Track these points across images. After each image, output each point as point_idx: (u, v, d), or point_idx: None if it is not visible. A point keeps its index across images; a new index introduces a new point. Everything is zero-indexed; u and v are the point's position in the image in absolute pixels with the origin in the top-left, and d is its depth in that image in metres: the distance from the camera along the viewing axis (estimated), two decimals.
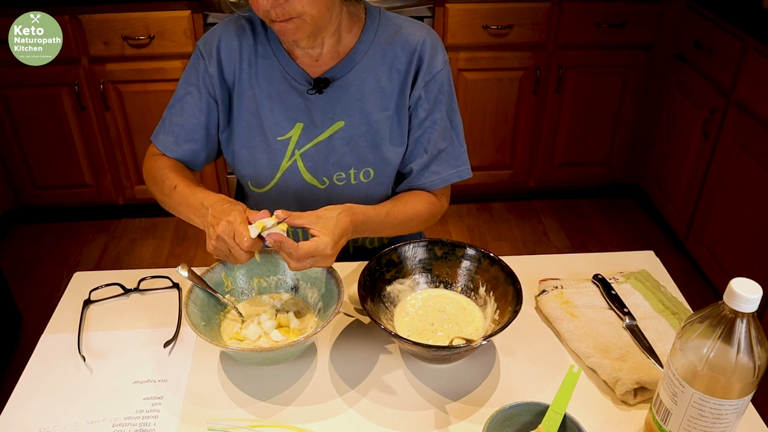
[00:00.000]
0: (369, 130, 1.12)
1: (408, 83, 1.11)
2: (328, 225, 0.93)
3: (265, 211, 0.92)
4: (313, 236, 0.92)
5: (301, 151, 1.14)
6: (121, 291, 1.10)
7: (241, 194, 1.32)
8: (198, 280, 0.98)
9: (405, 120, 1.14)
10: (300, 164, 1.14)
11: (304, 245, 0.90)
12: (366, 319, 1.02)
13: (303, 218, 0.93)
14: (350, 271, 1.12)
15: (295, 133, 1.13)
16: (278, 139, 1.13)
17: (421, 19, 2.31)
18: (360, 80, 1.11)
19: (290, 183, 1.16)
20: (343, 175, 1.15)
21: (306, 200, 1.17)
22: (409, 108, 1.13)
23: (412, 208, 1.14)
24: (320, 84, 1.11)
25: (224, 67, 1.12)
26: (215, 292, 0.99)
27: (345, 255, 1.24)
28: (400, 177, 1.21)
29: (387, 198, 1.19)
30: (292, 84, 1.11)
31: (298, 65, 1.11)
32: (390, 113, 1.12)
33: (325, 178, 1.15)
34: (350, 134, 1.12)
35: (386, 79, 1.11)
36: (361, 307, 0.94)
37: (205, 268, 1.02)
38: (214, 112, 1.15)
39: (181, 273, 1.00)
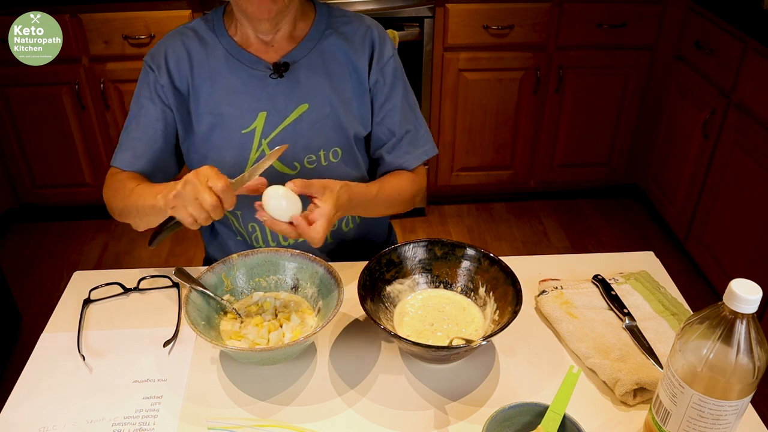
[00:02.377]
0: (332, 110, 1.16)
1: (365, 67, 1.16)
2: (332, 196, 0.99)
3: (262, 179, 0.96)
4: (315, 204, 0.97)
5: (268, 140, 1.15)
6: (121, 290, 1.10)
7: None
8: (193, 282, 0.98)
9: (367, 102, 1.19)
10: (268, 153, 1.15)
11: (321, 224, 0.95)
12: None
13: (312, 187, 0.97)
14: (350, 271, 1.12)
15: (259, 123, 1.14)
16: (243, 132, 1.14)
17: (421, 19, 2.32)
18: (318, 63, 1.15)
19: (261, 174, 1.16)
20: (314, 158, 1.17)
21: None
22: (370, 91, 1.18)
23: (398, 185, 1.20)
24: (280, 68, 1.13)
25: (174, 76, 1.13)
26: (212, 294, 0.99)
27: (323, 246, 1.25)
28: (374, 164, 1.27)
29: (361, 179, 1.23)
30: (252, 73, 1.13)
31: (254, 54, 1.14)
32: (350, 94, 1.17)
33: (296, 163, 1.16)
34: (315, 116, 1.15)
35: (343, 62, 1.16)
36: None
37: (205, 268, 1.02)
38: (171, 121, 1.15)
39: (174, 277, 1.00)
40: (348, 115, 1.17)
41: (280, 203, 0.93)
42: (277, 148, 0.98)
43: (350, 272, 1.11)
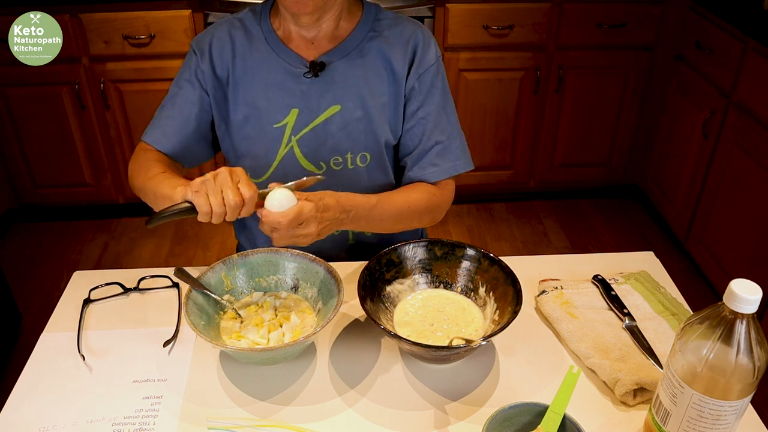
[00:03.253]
0: (365, 115, 1.14)
1: (403, 73, 1.14)
2: (315, 196, 0.96)
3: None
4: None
5: (297, 137, 1.15)
6: (121, 290, 1.10)
7: None
8: (193, 282, 0.98)
9: (401, 108, 1.16)
10: (297, 150, 1.15)
11: (290, 209, 0.91)
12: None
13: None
14: (350, 271, 1.12)
15: (290, 119, 1.14)
16: (274, 126, 1.14)
17: (421, 19, 2.32)
18: (356, 66, 1.13)
19: (287, 170, 1.17)
20: (340, 160, 1.16)
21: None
22: (405, 97, 1.16)
23: (407, 196, 1.15)
24: (316, 67, 1.12)
25: (216, 64, 1.14)
26: (212, 293, 0.99)
27: (344, 244, 1.25)
28: (402, 170, 1.23)
29: (389, 186, 1.21)
30: (289, 69, 1.13)
31: (293, 50, 1.13)
32: (386, 99, 1.15)
33: (322, 163, 1.16)
34: (346, 118, 1.14)
35: (382, 67, 1.14)
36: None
37: (205, 268, 1.02)
38: (207, 106, 1.16)
39: (174, 277, 0.99)
40: (381, 121, 1.15)
41: (281, 203, 0.93)
42: (311, 177, 0.97)
43: (350, 272, 1.11)
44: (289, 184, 0.95)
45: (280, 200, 0.92)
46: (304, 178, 0.97)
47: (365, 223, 1.09)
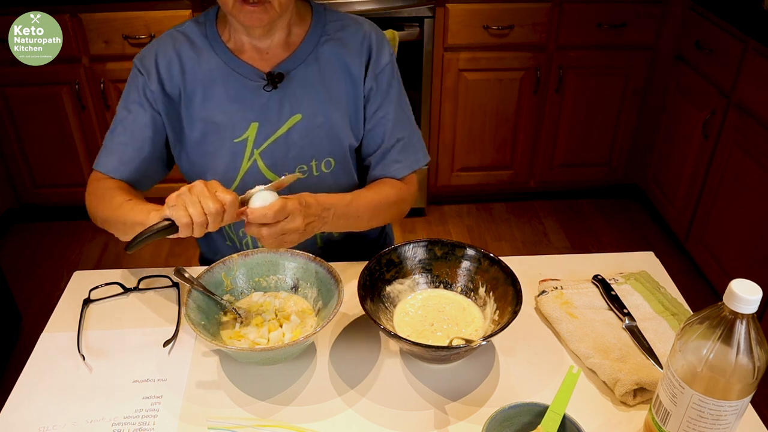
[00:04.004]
0: (326, 120, 1.14)
1: (360, 75, 1.14)
2: (295, 196, 0.97)
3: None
4: None
5: (260, 149, 1.14)
6: (121, 290, 1.10)
7: None
8: (193, 282, 0.98)
9: (361, 109, 1.16)
10: (260, 163, 1.14)
11: (275, 202, 0.91)
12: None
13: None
14: (350, 271, 1.12)
15: (251, 133, 1.12)
16: (234, 141, 1.13)
17: (421, 19, 2.32)
18: (313, 72, 1.13)
19: (252, 184, 1.14)
20: (305, 168, 1.16)
21: None
22: (364, 98, 1.16)
23: (377, 191, 1.16)
24: (274, 79, 1.11)
25: (165, 82, 1.11)
26: (212, 294, 0.99)
27: (313, 247, 1.24)
28: (365, 170, 1.23)
29: (354, 187, 1.21)
30: (245, 83, 1.11)
31: (247, 62, 1.11)
32: (345, 103, 1.15)
33: (286, 173, 1.15)
34: (308, 127, 1.13)
35: (339, 70, 1.14)
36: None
37: (205, 268, 1.02)
38: (161, 128, 1.13)
39: (174, 277, 0.99)
40: (343, 125, 1.15)
41: (265, 200, 0.93)
42: (289, 176, 0.96)
43: (350, 272, 1.11)
44: (269, 185, 0.94)
45: (264, 198, 0.92)
46: (283, 177, 0.95)
47: (344, 221, 1.09)
